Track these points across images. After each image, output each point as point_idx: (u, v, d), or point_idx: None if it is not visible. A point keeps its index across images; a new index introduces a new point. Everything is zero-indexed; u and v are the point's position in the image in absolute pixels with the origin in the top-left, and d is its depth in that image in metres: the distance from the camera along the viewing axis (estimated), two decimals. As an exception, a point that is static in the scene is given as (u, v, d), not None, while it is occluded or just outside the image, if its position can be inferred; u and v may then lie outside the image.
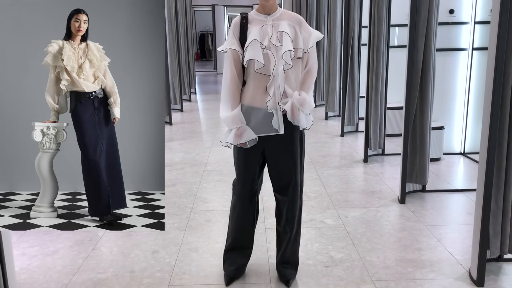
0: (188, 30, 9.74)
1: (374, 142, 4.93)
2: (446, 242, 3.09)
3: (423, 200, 3.82)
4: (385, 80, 4.95)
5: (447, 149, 5.07)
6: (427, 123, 3.75)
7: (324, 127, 6.84)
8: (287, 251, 2.62)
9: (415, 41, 3.57)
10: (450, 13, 4.83)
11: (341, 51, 6.86)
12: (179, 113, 8.20)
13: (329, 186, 4.19)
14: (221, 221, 3.47)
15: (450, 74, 4.98)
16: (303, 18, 2.45)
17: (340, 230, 3.27)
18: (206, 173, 4.65)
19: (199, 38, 20.48)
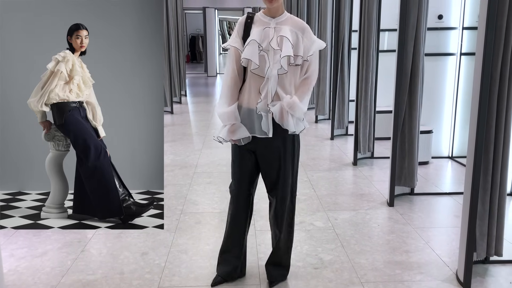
0: (179, 32, 9.74)
1: (363, 145, 4.97)
2: (434, 244, 3.12)
3: (412, 203, 3.86)
4: (374, 84, 5.00)
5: (435, 153, 5.12)
6: (416, 127, 3.80)
7: (314, 130, 6.87)
8: (277, 253, 2.64)
9: (404, 45, 3.61)
10: (438, 18, 4.89)
11: (331, 55, 6.90)
12: (170, 115, 8.19)
13: (318, 189, 4.22)
14: (211, 223, 3.47)
15: (438, 79, 5.04)
16: (308, 26, 2.45)
17: (330, 232, 3.30)
18: (196, 175, 4.65)
19: (189, 41, 20.45)
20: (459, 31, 4.91)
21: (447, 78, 5.05)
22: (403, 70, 3.66)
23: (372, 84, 4.96)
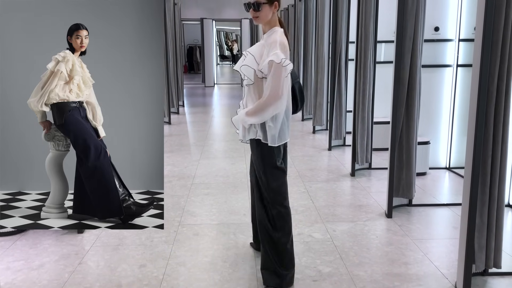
0: (176, 42, 9.78)
1: (361, 156, 4.98)
2: (432, 256, 3.12)
3: (410, 214, 3.86)
4: (371, 95, 5.02)
5: (433, 164, 5.14)
6: (413, 138, 3.81)
7: (311, 141, 6.88)
8: (261, 256, 2.72)
9: (401, 57, 3.64)
10: (435, 30, 4.93)
11: (329, 66, 6.94)
12: (167, 125, 8.19)
13: (317, 200, 4.21)
14: (209, 234, 3.46)
15: (435, 90, 5.07)
16: (282, 43, 2.47)
17: (328, 244, 3.29)
18: (194, 186, 4.64)
19: (187, 51, 20.53)
20: (455, 43, 4.95)
21: (444, 89, 5.08)
22: (401, 82, 3.68)
23: (370, 95, 4.98)
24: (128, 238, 3.37)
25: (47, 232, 3.42)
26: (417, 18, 3.61)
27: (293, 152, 6.12)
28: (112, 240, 3.34)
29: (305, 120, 8.64)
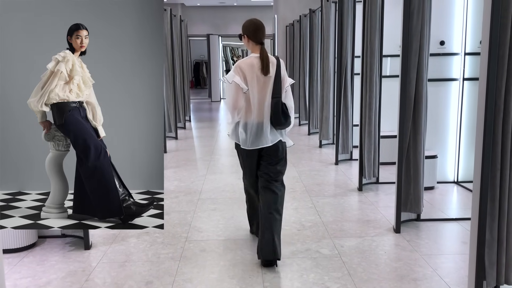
0: (183, 58, 9.86)
1: (368, 171, 4.95)
2: (442, 272, 3.08)
3: (418, 229, 3.82)
4: (378, 109, 5.01)
5: (441, 178, 5.10)
6: (421, 152, 3.79)
7: (318, 155, 6.87)
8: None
9: (407, 71, 3.64)
10: (441, 44, 4.94)
11: (335, 80, 6.95)
12: (174, 140, 8.22)
13: (324, 215, 4.19)
14: (216, 251, 3.44)
15: (442, 104, 5.06)
16: (237, 65, 3.16)
17: (336, 260, 3.26)
18: (201, 201, 4.64)
19: (194, 66, 20.68)
20: (461, 56, 4.95)
21: (450, 103, 5.07)
22: (407, 96, 3.68)
23: (376, 109, 4.97)
24: (135, 255, 3.36)
25: (54, 248, 3.42)
26: (422, 32, 3.62)
27: (299, 166, 6.10)
28: (119, 256, 3.33)
29: (311, 134, 8.63)
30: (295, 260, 3.26)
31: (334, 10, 6.96)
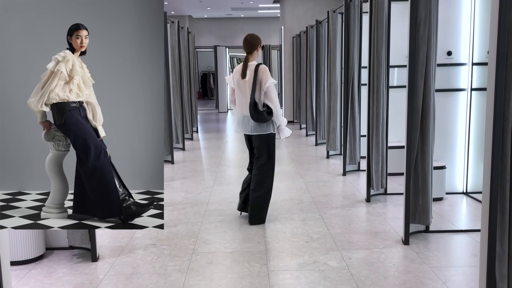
0: (190, 70, 9.91)
1: (376, 182, 4.92)
2: (452, 284, 3.03)
3: (427, 241, 3.78)
4: (385, 119, 4.99)
5: (449, 189, 5.05)
6: (429, 163, 3.76)
7: (325, 166, 6.84)
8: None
9: (414, 82, 3.63)
10: (448, 54, 4.92)
11: (341, 91, 6.95)
12: (181, 151, 8.23)
13: (332, 227, 4.16)
14: (223, 263, 3.42)
15: (450, 114, 5.03)
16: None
17: (344, 273, 3.22)
18: (208, 213, 4.62)
19: (201, 78, 20.80)
20: (468, 66, 4.93)
21: (458, 113, 5.04)
22: (414, 106, 3.66)
23: (384, 120, 4.95)
24: (142, 267, 3.35)
25: (61, 260, 3.42)
26: (429, 42, 3.61)
27: (307, 177, 6.08)
28: (126, 268, 3.32)
29: (318, 145, 8.61)
30: (302, 272, 3.23)
31: (341, 21, 6.98)
